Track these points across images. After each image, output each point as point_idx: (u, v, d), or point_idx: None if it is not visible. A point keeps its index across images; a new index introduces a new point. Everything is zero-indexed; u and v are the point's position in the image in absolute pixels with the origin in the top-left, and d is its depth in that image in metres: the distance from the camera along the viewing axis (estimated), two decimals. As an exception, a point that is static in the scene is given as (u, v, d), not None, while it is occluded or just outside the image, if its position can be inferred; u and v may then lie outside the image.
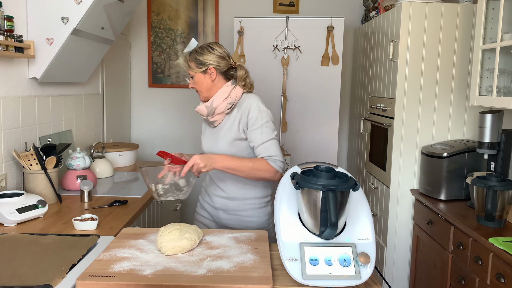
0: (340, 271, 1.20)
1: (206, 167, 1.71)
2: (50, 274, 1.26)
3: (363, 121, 3.35)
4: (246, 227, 1.93)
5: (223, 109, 1.85)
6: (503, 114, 2.29)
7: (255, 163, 1.77)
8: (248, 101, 1.85)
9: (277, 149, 1.81)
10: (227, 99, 1.84)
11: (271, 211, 1.98)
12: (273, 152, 1.79)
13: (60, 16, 2.19)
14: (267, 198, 1.97)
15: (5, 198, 1.81)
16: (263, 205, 1.95)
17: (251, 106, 1.83)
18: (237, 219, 1.94)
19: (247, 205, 1.92)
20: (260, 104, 1.85)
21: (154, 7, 3.86)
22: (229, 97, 1.84)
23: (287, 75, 3.23)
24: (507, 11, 2.07)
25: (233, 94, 1.85)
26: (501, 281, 1.71)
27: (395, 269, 2.79)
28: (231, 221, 1.94)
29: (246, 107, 1.83)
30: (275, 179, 1.79)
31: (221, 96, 1.84)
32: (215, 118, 1.89)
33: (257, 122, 1.81)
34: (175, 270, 1.26)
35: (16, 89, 2.17)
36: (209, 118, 1.90)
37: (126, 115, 3.90)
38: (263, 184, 1.94)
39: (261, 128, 1.81)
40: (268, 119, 1.83)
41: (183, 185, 1.74)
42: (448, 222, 2.21)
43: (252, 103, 1.84)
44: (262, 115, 1.82)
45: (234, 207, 1.93)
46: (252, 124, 1.81)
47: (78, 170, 2.30)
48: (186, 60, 1.87)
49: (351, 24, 3.84)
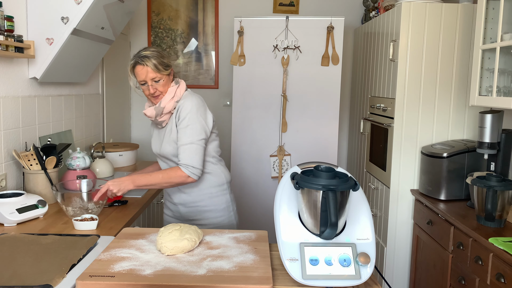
0: (340, 271, 1.20)
1: (120, 191, 1.83)
2: (50, 274, 1.26)
3: (363, 121, 3.35)
4: (206, 217, 1.98)
5: (170, 109, 1.90)
6: (503, 114, 2.29)
7: (165, 173, 1.85)
8: (183, 100, 1.90)
9: (190, 155, 1.83)
10: (174, 98, 1.90)
11: (230, 199, 2.03)
12: (184, 158, 1.84)
13: (60, 16, 2.19)
14: (223, 186, 2.01)
15: (5, 198, 1.81)
16: (219, 194, 2.00)
17: (183, 106, 1.88)
18: (196, 211, 1.99)
19: (203, 196, 1.97)
20: (194, 105, 1.88)
21: (154, 7, 3.86)
22: (175, 96, 1.91)
23: (287, 75, 3.23)
24: (507, 11, 2.07)
25: (178, 93, 1.92)
26: (501, 281, 1.71)
27: (395, 269, 2.79)
28: (191, 214, 2.00)
29: (181, 106, 1.89)
30: (187, 182, 1.86)
31: (168, 96, 1.90)
32: (164, 118, 1.93)
33: (183, 123, 1.87)
34: (175, 270, 1.26)
35: (16, 89, 2.17)
36: (157, 119, 1.93)
37: (126, 115, 3.90)
38: (216, 172, 1.99)
39: (185, 129, 1.86)
40: (195, 122, 1.86)
41: (92, 207, 1.87)
42: (448, 222, 2.21)
43: (186, 102, 1.88)
44: (190, 116, 1.86)
45: (191, 199, 1.98)
46: (179, 124, 1.88)
47: (78, 170, 2.30)
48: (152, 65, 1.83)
49: (351, 24, 3.84)
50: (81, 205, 1.84)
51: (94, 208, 1.87)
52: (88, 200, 1.85)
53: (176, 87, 1.92)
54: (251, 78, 3.25)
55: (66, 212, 1.87)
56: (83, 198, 1.85)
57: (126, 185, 1.83)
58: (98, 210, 1.89)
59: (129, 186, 1.84)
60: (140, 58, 1.85)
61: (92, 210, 1.86)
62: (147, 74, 1.85)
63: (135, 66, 1.87)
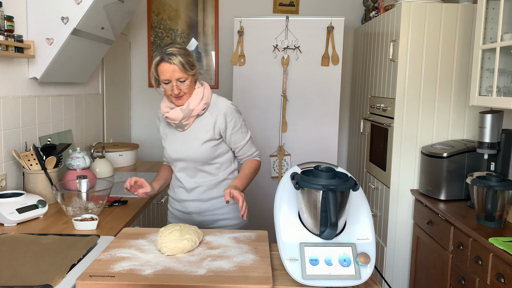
0: (340, 271, 1.20)
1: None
2: (50, 274, 1.26)
3: (363, 121, 3.35)
4: (224, 225, 1.93)
5: (199, 111, 1.82)
6: (503, 114, 2.29)
7: (252, 168, 1.91)
8: (222, 104, 1.86)
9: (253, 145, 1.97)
10: (202, 99, 1.82)
11: None
12: (254, 148, 1.96)
13: (60, 16, 2.19)
14: None
15: (5, 198, 1.81)
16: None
17: (227, 110, 1.85)
18: (212, 219, 1.93)
19: (222, 203, 1.92)
20: (233, 106, 1.88)
21: (154, 7, 3.86)
22: (204, 98, 1.83)
23: (287, 75, 3.23)
24: (507, 11, 2.07)
25: (206, 94, 1.84)
26: (501, 281, 1.71)
27: (395, 269, 2.79)
28: (206, 222, 1.93)
29: (222, 110, 1.84)
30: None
31: (196, 97, 1.81)
32: (189, 120, 1.84)
33: (236, 125, 1.87)
34: (175, 270, 1.26)
35: (16, 89, 2.17)
36: (182, 122, 1.83)
37: (126, 115, 3.90)
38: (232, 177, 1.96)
39: (239, 130, 1.88)
40: (240, 119, 1.90)
41: (92, 207, 1.87)
42: (448, 222, 2.21)
43: (227, 106, 1.86)
44: (238, 117, 1.88)
45: (207, 207, 1.92)
46: (232, 128, 1.86)
47: (78, 170, 2.30)
48: (179, 64, 1.71)
49: (351, 24, 3.84)
50: (81, 205, 1.84)
51: (94, 208, 1.87)
52: (87, 200, 1.86)
53: (202, 88, 1.84)
54: (251, 78, 3.25)
55: (66, 212, 1.87)
56: (83, 198, 1.85)
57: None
58: (98, 210, 1.89)
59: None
60: (167, 55, 1.71)
61: (92, 210, 1.86)
62: (173, 73, 1.72)
63: (160, 63, 1.73)
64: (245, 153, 1.93)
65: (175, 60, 1.70)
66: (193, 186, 1.91)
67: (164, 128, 1.95)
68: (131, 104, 4.01)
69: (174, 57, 1.70)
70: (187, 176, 1.91)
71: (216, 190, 1.91)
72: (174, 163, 1.93)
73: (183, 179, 1.92)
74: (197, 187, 1.91)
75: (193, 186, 1.91)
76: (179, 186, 1.95)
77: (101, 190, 1.92)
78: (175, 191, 1.98)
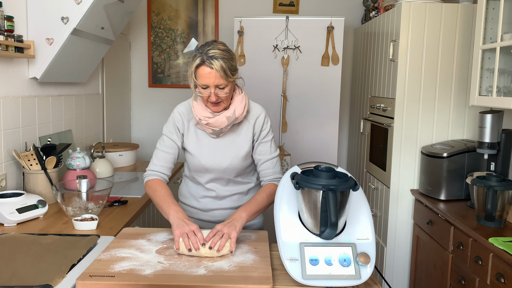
0: (340, 271, 1.20)
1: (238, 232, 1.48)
2: (50, 274, 1.26)
3: (363, 121, 3.35)
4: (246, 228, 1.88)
5: (242, 118, 1.69)
6: (503, 114, 2.29)
7: (268, 193, 1.66)
8: (256, 110, 1.74)
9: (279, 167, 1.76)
10: (246, 106, 1.68)
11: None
12: (279, 172, 1.74)
13: (60, 16, 2.19)
14: None
15: (5, 198, 1.81)
16: None
17: (264, 117, 1.74)
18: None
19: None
20: (266, 113, 1.77)
21: (154, 7, 3.86)
22: (246, 104, 1.68)
23: (287, 75, 3.23)
24: (507, 11, 2.07)
25: (246, 100, 1.70)
26: (501, 281, 1.71)
27: (395, 269, 2.79)
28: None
29: (258, 117, 1.73)
30: None
31: (240, 105, 1.66)
32: (228, 128, 1.69)
33: (268, 135, 1.74)
34: (175, 270, 1.26)
35: (16, 89, 2.17)
36: (222, 129, 1.67)
37: (126, 115, 3.90)
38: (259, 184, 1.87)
39: (271, 142, 1.75)
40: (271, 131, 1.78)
41: (92, 207, 1.86)
42: (448, 222, 2.21)
43: (260, 111, 1.74)
44: (270, 128, 1.76)
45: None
46: (264, 136, 1.73)
47: (78, 170, 2.30)
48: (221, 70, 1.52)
49: (351, 24, 3.84)
50: (81, 205, 1.84)
51: (94, 208, 1.87)
52: (87, 200, 1.86)
53: (243, 94, 1.69)
54: (251, 78, 3.25)
55: (66, 212, 1.87)
56: (83, 198, 1.85)
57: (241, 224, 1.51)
58: (98, 210, 1.89)
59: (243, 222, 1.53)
60: (208, 58, 1.52)
61: (92, 210, 1.86)
62: (213, 79, 1.53)
63: (200, 66, 1.54)
64: (267, 169, 1.73)
65: (216, 64, 1.51)
66: (226, 194, 1.80)
67: (192, 134, 1.73)
68: (131, 104, 4.01)
69: (216, 61, 1.51)
70: (220, 185, 1.79)
71: (247, 197, 1.82)
72: (204, 172, 1.76)
73: (215, 188, 1.79)
74: (231, 195, 1.81)
75: (226, 194, 1.80)
76: (206, 195, 1.81)
77: (101, 190, 1.92)
78: (200, 201, 1.82)
